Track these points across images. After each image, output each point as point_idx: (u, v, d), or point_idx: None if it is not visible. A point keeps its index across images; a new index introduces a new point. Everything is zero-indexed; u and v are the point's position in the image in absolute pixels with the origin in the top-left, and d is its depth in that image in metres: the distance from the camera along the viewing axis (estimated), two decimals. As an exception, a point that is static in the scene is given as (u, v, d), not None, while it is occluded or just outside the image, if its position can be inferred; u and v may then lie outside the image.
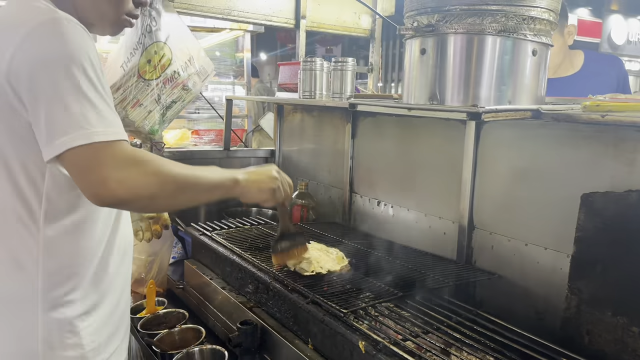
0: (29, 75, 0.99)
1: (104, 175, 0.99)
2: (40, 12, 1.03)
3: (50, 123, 0.99)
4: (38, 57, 0.99)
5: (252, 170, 1.35)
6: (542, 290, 1.48)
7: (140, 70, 2.09)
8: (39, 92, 0.99)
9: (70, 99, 0.98)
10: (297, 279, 1.56)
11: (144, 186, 1.04)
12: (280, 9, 2.70)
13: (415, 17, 1.30)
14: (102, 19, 1.22)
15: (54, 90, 0.98)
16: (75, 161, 1.00)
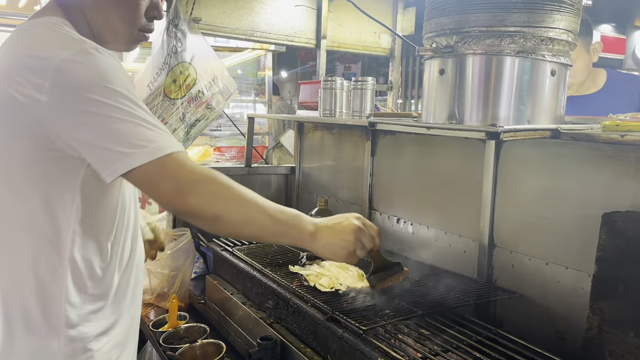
0: (75, 108, 1.00)
1: (178, 187, 1.02)
2: (68, 45, 1.04)
3: (107, 148, 1.00)
4: (80, 90, 1.00)
5: (332, 223, 1.22)
6: (563, 310, 1.46)
7: (166, 90, 2.15)
8: (89, 123, 1.00)
9: (122, 123, 0.99)
10: (316, 295, 1.57)
11: (213, 206, 1.05)
12: (301, 30, 2.76)
13: (434, 38, 1.33)
14: (116, 36, 1.23)
15: (104, 118, 0.99)
16: (143, 178, 1.02)
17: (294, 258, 1.91)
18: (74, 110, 1.00)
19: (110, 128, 1.00)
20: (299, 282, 1.68)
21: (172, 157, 1.02)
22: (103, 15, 1.19)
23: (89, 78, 1.00)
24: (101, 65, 1.02)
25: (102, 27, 1.20)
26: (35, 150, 1.04)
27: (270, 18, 2.65)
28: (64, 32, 1.08)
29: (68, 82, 0.99)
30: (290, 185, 2.90)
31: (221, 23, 2.49)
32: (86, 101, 0.99)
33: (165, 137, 1.03)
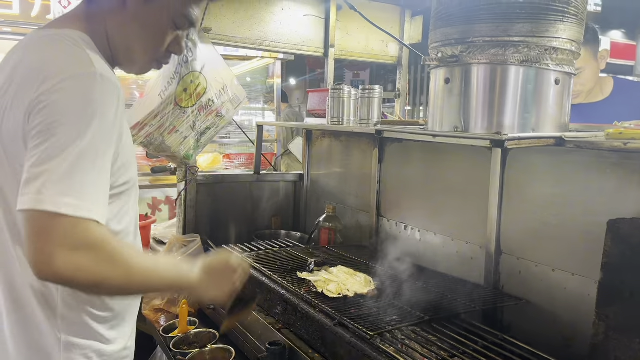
0: (40, 124, 0.97)
1: (54, 250, 0.92)
2: (81, 64, 1.03)
3: (36, 175, 0.94)
4: (55, 111, 0.97)
5: (210, 268, 1.25)
6: (570, 317, 1.47)
7: (177, 99, 2.19)
8: (41, 141, 0.96)
9: (65, 159, 0.95)
10: (324, 301, 1.59)
11: (90, 274, 0.97)
12: (310, 39, 2.80)
13: (440, 48, 1.35)
14: (132, 62, 1.24)
15: (53, 147, 0.95)
16: (37, 224, 0.94)
17: (302, 264, 1.94)
18: (41, 124, 0.97)
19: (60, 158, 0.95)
20: (307, 288, 1.70)
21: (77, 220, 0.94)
22: (125, 40, 1.19)
23: (73, 103, 0.98)
24: (93, 94, 1.00)
25: (121, 51, 1.20)
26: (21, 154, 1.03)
27: (280, 27, 2.69)
28: (78, 50, 1.07)
29: (58, 96, 0.98)
30: (298, 192, 2.93)
31: (231, 33, 2.53)
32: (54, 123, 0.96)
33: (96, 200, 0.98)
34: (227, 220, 2.71)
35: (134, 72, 1.27)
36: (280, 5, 2.67)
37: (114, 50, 1.19)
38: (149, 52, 1.21)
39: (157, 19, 1.18)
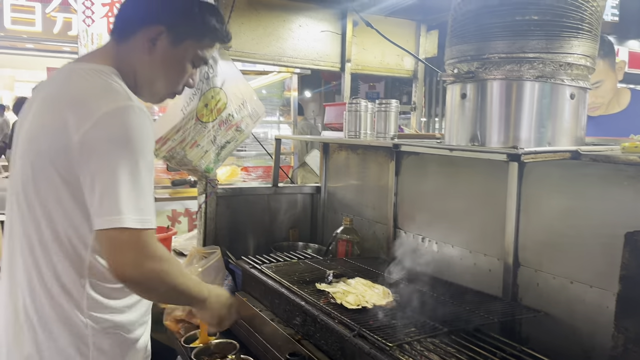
0: (96, 151, 1.16)
1: (130, 261, 1.18)
2: (118, 98, 1.21)
3: (105, 199, 1.16)
4: (104, 142, 1.16)
5: (215, 294, 1.56)
6: (589, 329, 1.48)
7: (198, 114, 2.25)
8: (99, 168, 1.16)
9: (127, 184, 1.15)
10: (343, 312, 1.62)
11: (152, 283, 1.24)
12: (326, 54, 2.85)
13: (456, 64, 1.38)
14: (153, 94, 1.43)
15: (115, 172, 1.15)
16: (113, 239, 1.17)
17: (320, 276, 1.96)
18: (94, 157, 1.16)
19: (117, 184, 1.15)
20: (326, 300, 1.72)
21: (147, 232, 1.19)
22: (151, 77, 1.38)
23: (118, 133, 1.16)
24: (134, 125, 1.18)
25: (146, 85, 1.39)
26: (65, 180, 1.20)
27: (297, 43, 2.74)
28: (113, 86, 1.24)
29: (104, 129, 1.16)
30: (315, 204, 2.96)
31: (250, 49, 2.60)
32: (106, 153, 1.16)
33: (151, 212, 1.21)
34: (246, 232, 2.76)
35: (153, 102, 1.48)
36: (297, 22, 2.73)
37: (139, 84, 1.37)
38: (170, 87, 1.42)
39: (180, 60, 1.38)
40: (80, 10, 4.54)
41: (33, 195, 1.25)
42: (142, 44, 1.34)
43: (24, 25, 10.30)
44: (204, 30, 1.40)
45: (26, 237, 1.28)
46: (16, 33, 10.25)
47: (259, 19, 2.62)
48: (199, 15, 1.38)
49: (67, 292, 1.28)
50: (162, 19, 1.34)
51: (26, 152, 1.27)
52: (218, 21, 1.43)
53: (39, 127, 1.25)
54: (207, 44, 1.42)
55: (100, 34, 4.51)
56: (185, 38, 1.37)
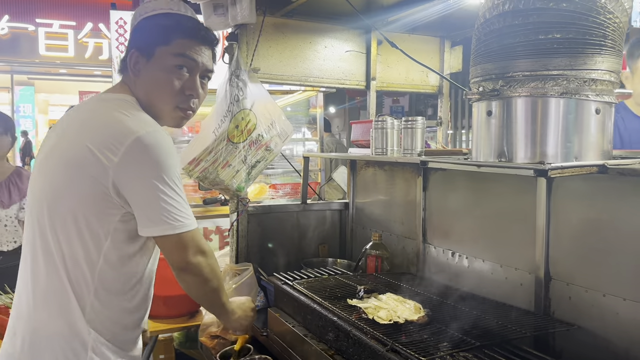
0: (136, 174, 1.33)
1: (185, 258, 1.43)
2: (145, 124, 1.37)
3: (148, 214, 1.37)
4: (145, 165, 1.33)
5: (237, 307, 1.78)
6: (623, 342, 1.47)
7: (229, 135, 2.33)
8: (144, 192, 1.34)
9: (162, 199, 1.35)
10: (375, 327, 1.64)
11: (205, 272, 1.49)
12: (352, 73, 2.91)
13: (481, 82, 1.42)
14: (161, 114, 1.51)
15: (151, 191, 1.34)
16: (165, 243, 1.42)
17: (351, 292, 1.99)
18: (135, 176, 1.33)
19: (154, 200, 1.34)
20: (358, 315, 1.75)
21: (188, 233, 1.41)
22: (148, 97, 1.48)
23: (153, 155, 1.33)
24: (163, 147, 1.35)
25: (149, 105, 1.49)
26: (93, 190, 1.34)
27: (323, 64, 2.82)
28: (139, 114, 1.41)
29: (138, 154, 1.32)
30: (344, 221, 3.00)
31: (278, 71, 2.68)
32: (146, 172, 1.33)
33: (186, 216, 1.41)
34: (276, 248, 2.81)
35: (169, 124, 1.56)
36: (323, 44, 2.81)
37: (147, 108, 1.47)
38: (167, 100, 1.48)
39: (161, 70, 1.46)
40: (113, 37, 4.73)
41: (59, 206, 1.39)
42: (132, 74, 1.48)
43: (58, 51, 10.75)
44: (167, 32, 1.46)
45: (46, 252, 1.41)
46: (50, 59, 10.70)
47: (285, 41, 2.71)
48: (158, 23, 1.47)
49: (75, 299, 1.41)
50: (134, 43, 1.49)
51: (52, 168, 1.41)
52: (182, 19, 1.50)
53: (70, 144, 1.39)
54: (178, 44, 1.47)
55: (133, 59, 4.69)
56: (154, 47, 1.45)
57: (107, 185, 1.33)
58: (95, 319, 1.41)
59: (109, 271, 1.41)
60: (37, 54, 10.27)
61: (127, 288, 1.47)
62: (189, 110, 1.53)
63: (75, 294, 1.39)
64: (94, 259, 1.39)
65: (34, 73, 11.42)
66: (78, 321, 1.39)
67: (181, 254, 1.42)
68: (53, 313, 1.40)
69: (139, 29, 1.51)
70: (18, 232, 2.96)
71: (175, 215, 1.37)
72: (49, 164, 1.43)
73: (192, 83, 1.49)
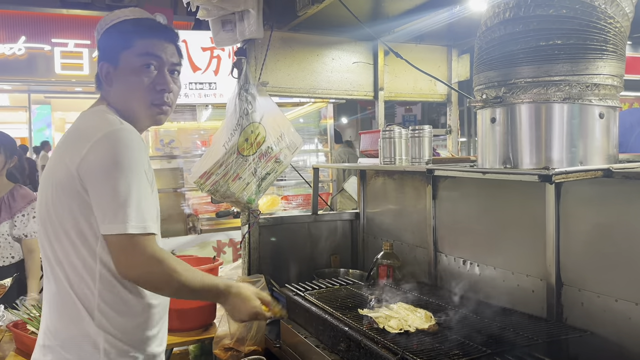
0: (94, 171, 1.33)
1: (133, 262, 1.35)
2: (110, 124, 1.40)
3: (107, 208, 1.33)
4: (102, 158, 1.33)
5: (236, 288, 1.58)
6: (636, 347, 1.45)
7: (239, 148, 2.37)
8: (99, 185, 1.34)
9: (124, 192, 1.32)
10: (386, 336, 1.64)
11: (157, 280, 1.39)
12: (359, 84, 2.94)
13: (484, 90, 1.43)
14: (136, 114, 1.53)
15: (110, 186, 1.32)
16: (116, 244, 1.34)
17: (362, 301, 2.00)
18: (96, 170, 1.34)
19: (116, 194, 1.32)
20: (369, 325, 1.76)
21: (144, 237, 1.34)
22: (124, 102, 1.52)
23: (114, 148, 1.34)
24: (128, 141, 1.36)
25: (126, 110, 1.52)
26: (76, 200, 1.37)
27: (330, 76, 2.85)
28: (106, 116, 1.45)
29: (100, 148, 1.34)
30: (355, 230, 3.01)
31: (286, 84, 2.72)
32: (106, 166, 1.33)
33: (149, 218, 1.35)
34: (288, 259, 2.83)
35: (146, 123, 1.58)
36: (330, 56, 2.84)
37: (127, 116, 1.51)
38: (141, 99, 1.52)
39: (129, 72, 1.50)
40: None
41: (54, 219, 1.43)
42: (106, 85, 1.54)
43: (73, 70, 10.95)
44: (127, 36, 1.52)
45: (54, 257, 1.46)
46: (66, 78, 10.90)
47: (293, 55, 2.75)
48: (117, 30, 1.53)
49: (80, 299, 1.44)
50: (101, 56, 1.55)
51: (44, 186, 1.48)
52: (137, 21, 1.54)
53: (56, 160, 1.47)
54: (140, 45, 1.51)
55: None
56: (119, 54, 1.50)
57: (80, 188, 1.37)
58: (104, 322, 1.43)
59: (108, 273, 1.42)
60: (53, 73, 10.48)
61: (131, 286, 1.46)
62: (163, 105, 1.55)
63: (81, 301, 1.42)
64: (91, 264, 1.41)
65: (50, 92, 11.64)
66: (88, 327, 1.42)
67: (131, 259, 1.35)
68: (65, 321, 1.45)
69: (102, 41, 1.57)
70: (14, 248, 3.00)
71: (133, 215, 1.33)
72: (43, 185, 1.50)
73: (162, 78, 1.53)
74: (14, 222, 2.97)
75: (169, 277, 1.38)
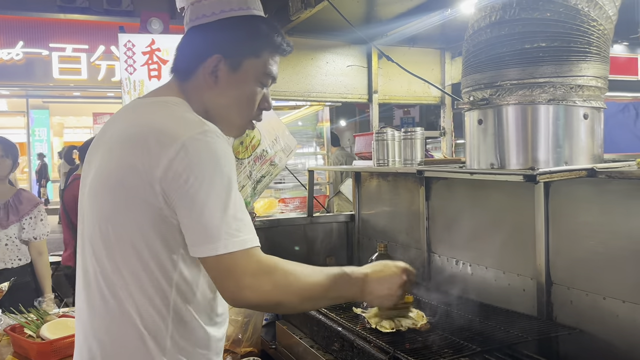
0: (186, 183, 1.10)
1: (240, 284, 1.10)
2: (193, 125, 1.15)
3: (198, 229, 1.10)
4: (192, 169, 1.10)
5: (377, 275, 1.35)
6: (624, 344, 1.47)
7: (234, 152, 2.39)
8: (190, 199, 1.10)
9: (216, 210, 1.10)
10: (379, 336, 1.66)
11: (273, 296, 1.13)
12: (354, 87, 2.97)
13: (471, 92, 1.46)
14: (231, 126, 1.33)
15: (203, 200, 1.09)
16: (215, 266, 1.11)
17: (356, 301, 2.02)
18: (185, 185, 1.10)
19: (209, 211, 1.09)
20: (362, 325, 1.78)
21: (246, 252, 1.11)
22: (222, 108, 1.30)
23: (204, 159, 1.11)
24: (216, 149, 1.13)
25: (219, 117, 1.29)
26: (148, 214, 1.15)
27: (325, 79, 2.88)
28: (186, 113, 1.21)
29: (188, 159, 1.10)
30: (350, 232, 3.03)
31: (281, 88, 2.75)
32: (196, 179, 1.09)
33: (247, 231, 1.13)
34: (285, 262, 2.84)
35: (233, 134, 1.39)
36: (324, 60, 2.87)
37: (212, 118, 1.28)
38: (245, 114, 1.33)
39: (246, 83, 1.29)
40: (122, 59, 4.85)
41: (110, 231, 1.20)
42: (204, 80, 1.29)
43: (71, 74, 10.98)
44: (259, 45, 1.30)
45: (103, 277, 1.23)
46: (64, 82, 10.93)
47: (287, 59, 2.76)
48: (250, 30, 1.30)
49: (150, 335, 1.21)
50: (216, 47, 1.28)
51: (100, 191, 1.23)
52: (272, 31, 1.32)
53: (117, 163, 1.20)
54: (267, 58, 1.31)
55: (142, 81, 4.81)
56: (243, 59, 1.28)
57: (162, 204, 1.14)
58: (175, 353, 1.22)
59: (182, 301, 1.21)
60: (51, 77, 10.50)
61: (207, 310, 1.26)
62: (258, 121, 1.39)
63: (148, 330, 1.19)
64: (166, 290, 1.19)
65: (48, 97, 11.68)
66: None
67: (238, 282, 1.11)
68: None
69: (223, 30, 1.30)
70: (21, 251, 3.04)
71: (230, 230, 1.11)
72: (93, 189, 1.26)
73: (268, 98, 1.37)
74: (22, 225, 3.01)
75: (287, 286, 1.15)
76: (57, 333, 2.12)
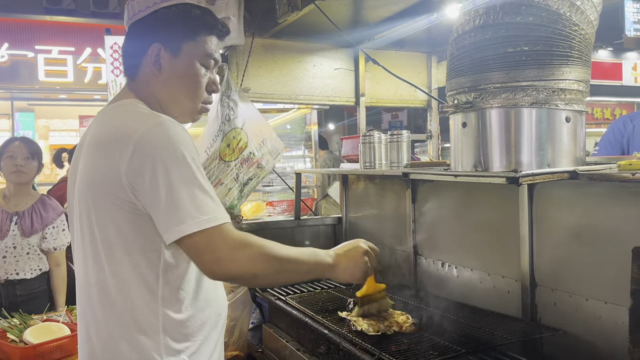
0: (147, 173, 1.16)
1: (218, 256, 1.16)
2: (147, 119, 1.23)
3: (167, 213, 1.16)
4: (153, 157, 1.16)
5: (343, 251, 1.46)
6: (607, 345, 1.49)
7: (221, 154, 2.38)
8: (154, 188, 1.16)
9: (181, 191, 1.16)
10: (365, 339, 1.67)
11: (249, 268, 1.19)
12: (341, 90, 2.98)
13: (455, 96, 1.47)
14: (183, 111, 1.40)
15: (167, 185, 1.15)
16: (190, 245, 1.16)
17: (342, 304, 2.02)
18: (146, 174, 1.16)
19: (173, 195, 1.15)
20: (348, 328, 1.78)
21: (218, 228, 1.16)
22: (172, 95, 1.37)
23: (160, 147, 1.18)
24: (170, 135, 1.19)
25: (171, 105, 1.38)
26: (123, 211, 1.21)
27: (312, 82, 2.88)
28: (141, 110, 1.28)
29: (145, 150, 1.17)
30: (338, 235, 3.03)
31: (268, 90, 2.75)
32: (157, 167, 1.16)
33: (215, 208, 1.18)
34: (272, 265, 2.83)
35: (188, 119, 1.44)
36: (312, 62, 2.88)
37: (165, 107, 1.37)
38: (193, 98, 1.40)
39: (189, 66, 1.36)
40: (109, 61, 4.81)
41: (96, 231, 1.26)
42: (150, 71, 1.36)
43: (57, 77, 10.86)
44: (194, 27, 1.37)
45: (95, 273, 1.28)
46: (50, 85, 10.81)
47: (275, 61, 2.78)
48: (184, 16, 1.36)
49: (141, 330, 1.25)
50: (155, 36, 1.35)
51: (83, 196, 1.29)
52: (205, 13, 1.40)
53: (90, 167, 1.28)
54: (205, 40, 1.38)
55: (129, 83, 4.78)
56: (181, 43, 1.35)
57: (133, 198, 1.20)
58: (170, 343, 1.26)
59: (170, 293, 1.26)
60: (36, 80, 10.38)
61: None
62: (209, 104, 1.45)
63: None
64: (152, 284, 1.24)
65: (34, 99, 11.54)
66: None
67: (215, 256, 1.17)
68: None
69: (159, 19, 1.36)
70: (42, 260, 2.88)
71: (200, 209, 1.16)
72: (81, 192, 1.31)
73: (214, 80, 1.43)
74: (44, 235, 2.86)
75: (262, 257, 1.21)
76: (40, 337, 2.09)
